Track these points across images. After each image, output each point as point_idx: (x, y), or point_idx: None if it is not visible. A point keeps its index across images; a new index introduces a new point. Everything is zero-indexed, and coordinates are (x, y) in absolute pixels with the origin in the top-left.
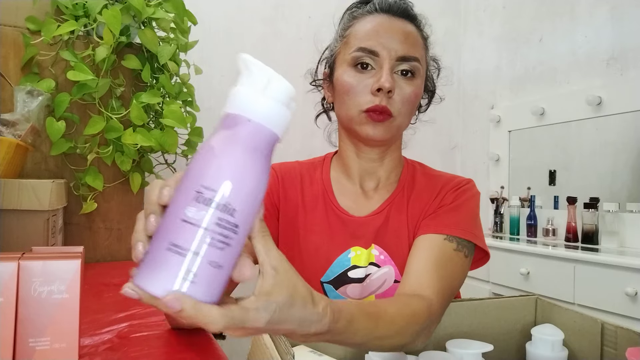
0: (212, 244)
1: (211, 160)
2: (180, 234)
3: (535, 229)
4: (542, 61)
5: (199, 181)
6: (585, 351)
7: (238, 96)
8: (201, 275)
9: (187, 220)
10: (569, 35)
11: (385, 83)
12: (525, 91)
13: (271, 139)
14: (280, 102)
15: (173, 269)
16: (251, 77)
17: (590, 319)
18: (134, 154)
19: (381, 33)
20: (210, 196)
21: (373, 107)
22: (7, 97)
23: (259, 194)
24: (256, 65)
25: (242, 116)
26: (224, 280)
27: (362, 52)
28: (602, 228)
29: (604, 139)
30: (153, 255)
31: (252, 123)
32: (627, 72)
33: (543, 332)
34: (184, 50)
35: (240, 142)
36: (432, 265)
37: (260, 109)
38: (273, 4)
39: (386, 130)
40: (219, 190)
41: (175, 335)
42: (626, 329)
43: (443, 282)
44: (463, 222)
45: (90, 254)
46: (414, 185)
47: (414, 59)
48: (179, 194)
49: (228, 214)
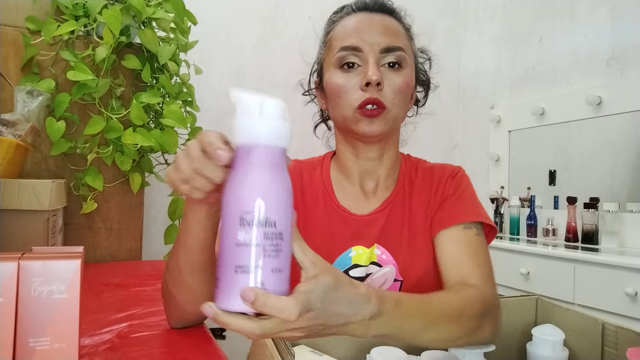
0: (267, 254)
1: (241, 188)
2: (240, 257)
3: (535, 229)
4: (542, 61)
5: (238, 209)
6: (585, 351)
7: (241, 128)
8: (268, 282)
9: (241, 243)
10: (569, 35)
11: (372, 76)
12: (525, 91)
13: (280, 152)
14: (277, 119)
15: (246, 285)
16: (246, 108)
17: (591, 319)
18: (134, 154)
19: (361, 29)
20: (251, 217)
21: (365, 101)
22: (7, 97)
23: (288, 200)
24: (247, 96)
25: (251, 144)
26: (287, 280)
27: (346, 50)
28: (602, 228)
29: (604, 139)
30: (226, 282)
31: (261, 146)
32: (627, 72)
33: (544, 332)
34: (184, 50)
35: (258, 165)
36: (465, 256)
37: (263, 131)
38: (273, 4)
39: (382, 124)
40: (255, 210)
41: (175, 335)
42: (627, 329)
43: (483, 268)
44: (472, 207)
45: (90, 254)
46: (413, 182)
47: (399, 49)
48: (226, 226)
49: (271, 226)
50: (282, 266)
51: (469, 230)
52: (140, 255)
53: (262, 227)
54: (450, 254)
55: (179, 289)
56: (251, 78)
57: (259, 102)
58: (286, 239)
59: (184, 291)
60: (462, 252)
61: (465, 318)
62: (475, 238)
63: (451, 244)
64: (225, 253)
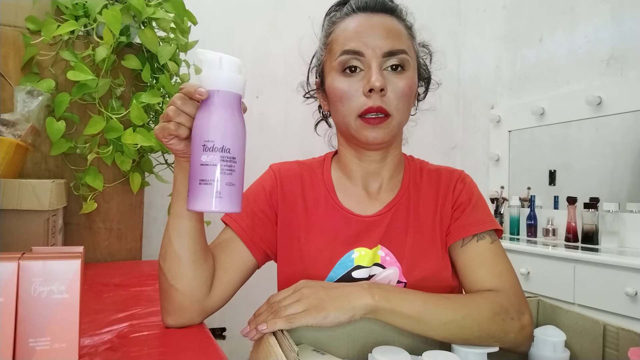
0: (223, 172)
1: (205, 123)
2: (203, 173)
3: (535, 229)
4: (542, 61)
5: (202, 138)
6: (586, 352)
7: (206, 77)
8: (224, 192)
9: (204, 163)
10: (569, 35)
11: (375, 82)
12: (525, 91)
13: (235, 97)
14: (234, 72)
15: (207, 193)
16: (210, 62)
17: (592, 320)
18: (134, 154)
19: (362, 32)
20: (212, 145)
21: (368, 109)
22: (7, 97)
23: (241, 134)
24: (209, 53)
25: (212, 89)
26: (239, 194)
27: (347, 54)
28: (602, 228)
29: (604, 139)
30: (193, 192)
31: (220, 91)
32: (627, 72)
33: (545, 333)
34: (184, 50)
35: (218, 106)
36: (482, 274)
37: (221, 79)
38: (273, 4)
39: (386, 132)
40: (216, 139)
41: (175, 335)
42: (628, 331)
43: (503, 277)
44: (488, 215)
45: (90, 254)
46: (418, 184)
47: (401, 52)
48: (194, 151)
49: (227, 152)
50: (234, 181)
51: (485, 239)
52: (140, 255)
53: (220, 152)
54: (469, 268)
55: (168, 262)
56: (251, 78)
57: (218, 57)
58: (239, 161)
59: (172, 262)
60: (481, 268)
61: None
62: (492, 247)
63: (469, 261)
64: (193, 171)
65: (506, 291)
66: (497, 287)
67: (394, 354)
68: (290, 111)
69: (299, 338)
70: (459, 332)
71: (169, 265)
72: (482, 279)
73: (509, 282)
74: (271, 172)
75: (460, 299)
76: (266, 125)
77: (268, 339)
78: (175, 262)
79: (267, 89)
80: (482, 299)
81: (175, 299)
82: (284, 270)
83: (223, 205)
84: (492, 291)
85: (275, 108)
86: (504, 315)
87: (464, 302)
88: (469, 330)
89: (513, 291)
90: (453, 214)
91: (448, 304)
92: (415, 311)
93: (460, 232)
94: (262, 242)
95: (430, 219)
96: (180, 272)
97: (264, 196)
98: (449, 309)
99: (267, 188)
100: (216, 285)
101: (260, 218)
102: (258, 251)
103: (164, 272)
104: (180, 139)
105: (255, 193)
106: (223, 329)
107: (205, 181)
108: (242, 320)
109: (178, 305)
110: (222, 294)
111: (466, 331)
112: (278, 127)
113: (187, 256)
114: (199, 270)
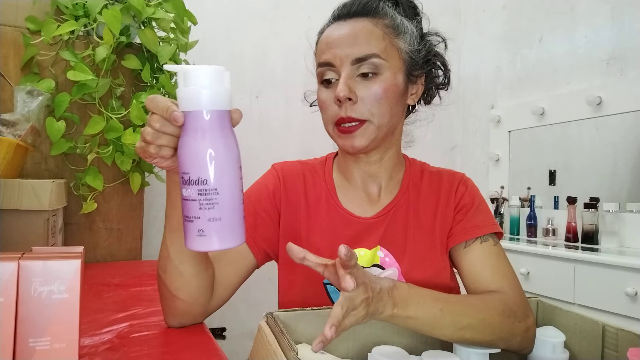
0: (203, 207)
1: (180, 153)
2: (185, 209)
3: (535, 229)
4: (542, 61)
5: (181, 170)
6: (586, 353)
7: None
8: (207, 229)
9: (185, 198)
10: (569, 35)
11: (339, 93)
12: (525, 91)
13: (216, 115)
14: (210, 85)
15: (191, 231)
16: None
17: (591, 321)
18: (134, 154)
19: (332, 43)
20: (187, 177)
21: (339, 120)
22: (7, 97)
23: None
24: (175, 67)
25: (185, 111)
26: (230, 226)
27: (322, 67)
28: (602, 228)
29: (604, 139)
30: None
31: (184, 113)
32: (627, 72)
33: (545, 334)
34: (184, 50)
35: (190, 130)
36: (489, 270)
37: (183, 99)
38: (273, 4)
39: (363, 137)
40: (189, 171)
41: (175, 335)
42: (627, 331)
43: (507, 279)
44: (490, 219)
45: (90, 254)
46: (418, 186)
47: (371, 56)
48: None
49: (203, 183)
50: (220, 215)
51: (488, 242)
52: (140, 255)
53: (196, 186)
54: (474, 274)
55: (169, 276)
56: (251, 78)
57: (182, 72)
58: (225, 191)
59: (174, 277)
60: (485, 269)
61: (485, 311)
62: (494, 249)
63: (473, 262)
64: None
65: (512, 293)
66: (503, 288)
67: (394, 353)
68: (290, 111)
69: (298, 337)
70: (472, 336)
71: (170, 280)
72: (487, 280)
73: (513, 283)
74: (274, 171)
75: (473, 301)
76: (266, 125)
77: (267, 338)
78: (176, 277)
79: (267, 89)
80: (494, 301)
81: (178, 307)
82: (285, 270)
83: (209, 244)
84: (499, 292)
85: (275, 108)
86: (513, 319)
87: (478, 305)
88: (481, 335)
89: (518, 293)
90: (455, 216)
91: (463, 308)
92: (432, 317)
93: (464, 234)
94: (264, 242)
95: (430, 220)
96: (183, 285)
97: (267, 195)
98: (463, 315)
99: (270, 187)
100: (217, 286)
101: (262, 217)
102: (259, 251)
103: (166, 284)
104: (166, 158)
105: (258, 192)
106: (223, 329)
107: (188, 218)
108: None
109: (182, 312)
110: (223, 294)
111: (479, 335)
112: (278, 127)
113: (188, 270)
114: (201, 280)
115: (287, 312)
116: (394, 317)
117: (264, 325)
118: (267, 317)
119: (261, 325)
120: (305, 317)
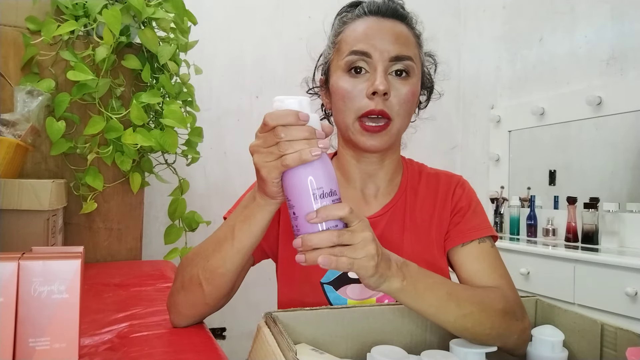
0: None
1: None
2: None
3: (535, 229)
4: (542, 61)
5: (312, 188)
6: (585, 352)
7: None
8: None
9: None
10: (569, 35)
11: (379, 86)
12: (525, 91)
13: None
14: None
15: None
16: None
17: (590, 320)
18: (134, 154)
19: (372, 35)
20: (321, 192)
21: (370, 111)
22: (7, 97)
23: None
24: (291, 100)
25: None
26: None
27: (355, 55)
28: (602, 228)
29: (604, 139)
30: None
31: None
32: (627, 72)
33: (543, 333)
34: (184, 50)
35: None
36: (487, 270)
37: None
38: (273, 4)
39: (385, 139)
40: (323, 185)
41: (175, 335)
42: (626, 330)
43: (505, 279)
44: (486, 222)
45: (90, 254)
46: (415, 188)
47: (408, 58)
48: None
49: (334, 195)
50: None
51: (485, 243)
52: (140, 255)
53: (329, 197)
54: (472, 271)
55: (212, 283)
56: (251, 78)
57: (297, 101)
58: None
59: (214, 286)
60: (484, 268)
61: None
62: (492, 250)
63: (471, 259)
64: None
65: (510, 292)
66: (501, 286)
67: (393, 353)
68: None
69: (297, 337)
70: (473, 326)
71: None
72: (486, 278)
73: (511, 284)
74: None
75: (477, 292)
76: None
77: (266, 338)
78: (220, 277)
79: (267, 89)
80: (495, 296)
81: (203, 313)
82: (284, 269)
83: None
84: (500, 289)
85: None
86: (512, 316)
87: (481, 295)
88: (482, 327)
89: (516, 294)
90: (452, 218)
91: (468, 295)
92: (438, 299)
93: (461, 236)
94: (263, 240)
95: (427, 222)
96: (222, 282)
97: None
98: (468, 301)
99: None
100: None
101: None
102: (257, 248)
103: (205, 293)
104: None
105: None
106: (223, 329)
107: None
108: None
109: (201, 315)
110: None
111: (479, 327)
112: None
113: (233, 271)
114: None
115: (286, 312)
116: (402, 290)
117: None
118: (266, 317)
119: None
120: (304, 317)
